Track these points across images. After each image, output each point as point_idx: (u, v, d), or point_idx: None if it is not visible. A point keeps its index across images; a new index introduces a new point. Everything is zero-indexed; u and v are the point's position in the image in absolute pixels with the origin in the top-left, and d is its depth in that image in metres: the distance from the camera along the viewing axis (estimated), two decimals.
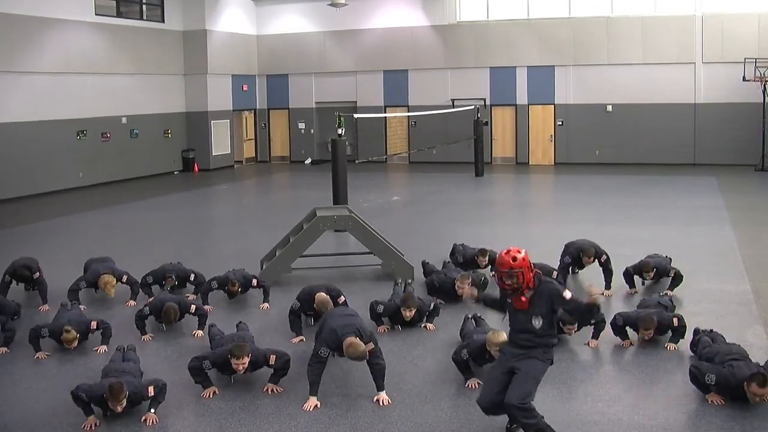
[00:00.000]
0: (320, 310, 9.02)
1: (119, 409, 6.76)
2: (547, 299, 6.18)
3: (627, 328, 8.77)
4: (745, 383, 6.83)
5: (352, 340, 7.19)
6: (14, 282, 11.00)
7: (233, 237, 16.24)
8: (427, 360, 8.45)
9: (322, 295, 9.15)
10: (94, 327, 8.95)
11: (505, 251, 6.20)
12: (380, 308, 9.56)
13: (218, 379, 7.71)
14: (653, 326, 8.51)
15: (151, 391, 7.02)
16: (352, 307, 9.50)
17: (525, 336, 6.24)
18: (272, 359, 7.60)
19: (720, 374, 7.03)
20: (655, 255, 11.40)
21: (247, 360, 7.43)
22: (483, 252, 11.78)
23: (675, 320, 8.68)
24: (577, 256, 10.85)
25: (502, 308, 6.74)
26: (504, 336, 7.34)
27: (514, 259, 6.11)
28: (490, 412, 6.43)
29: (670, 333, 8.72)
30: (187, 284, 11.25)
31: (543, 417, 6.18)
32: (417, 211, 18.89)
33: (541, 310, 6.18)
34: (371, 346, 7.29)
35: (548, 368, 6.36)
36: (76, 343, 8.76)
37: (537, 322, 6.18)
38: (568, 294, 6.21)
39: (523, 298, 6.18)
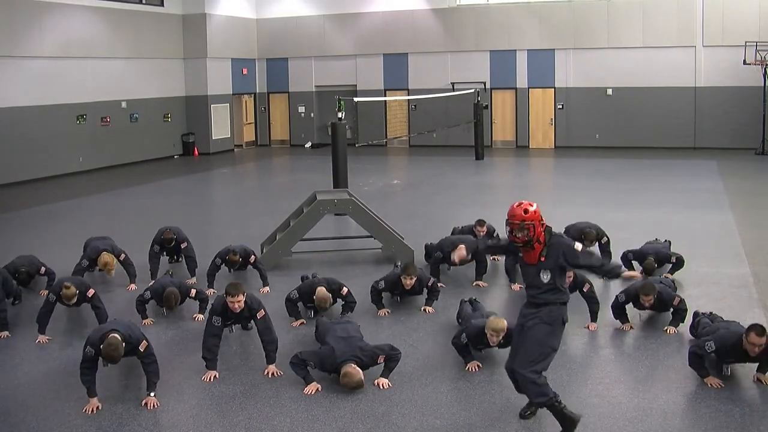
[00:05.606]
0: (320, 305, 8.93)
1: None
2: (557, 254, 6.08)
3: (627, 307, 8.76)
4: (744, 336, 6.88)
5: (348, 369, 7.09)
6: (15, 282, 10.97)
7: (234, 221, 16.24)
8: (428, 343, 8.47)
9: (322, 291, 8.97)
10: (91, 295, 9.01)
11: (516, 204, 6.15)
12: (381, 284, 9.55)
13: (220, 362, 7.73)
14: (653, 292, 8.49)
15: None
16: (355, 290, 9.52)
17: (532, 291, 6.18)
18: (260, 314, 7.70)
19: (717, 337, 7.09)
20: (654, 241, 11.36)
21: (242, 298, 7.59)
22: (481, 222, 11.79)
23: (676, 299, 8.69)
24: (578, 238, 10.80)
25: (504, 252, 6.72)
26: (504, 322, 7.35)
27: (526, 211, 6.07)
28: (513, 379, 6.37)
29: (671, 316, 8.75)
30: (182, 258, 11.36)
31: (557, 396, 6.11)
32: (417, 195, 18.89)
33: (550, 265, 6.09)
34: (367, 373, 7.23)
35: (561, 331, 6.22)
36: (75, 300, 8.89)
37: (545, 277, 6.10)
38: (578, 246, 6.14)
39: (533, 252, 6.10)
